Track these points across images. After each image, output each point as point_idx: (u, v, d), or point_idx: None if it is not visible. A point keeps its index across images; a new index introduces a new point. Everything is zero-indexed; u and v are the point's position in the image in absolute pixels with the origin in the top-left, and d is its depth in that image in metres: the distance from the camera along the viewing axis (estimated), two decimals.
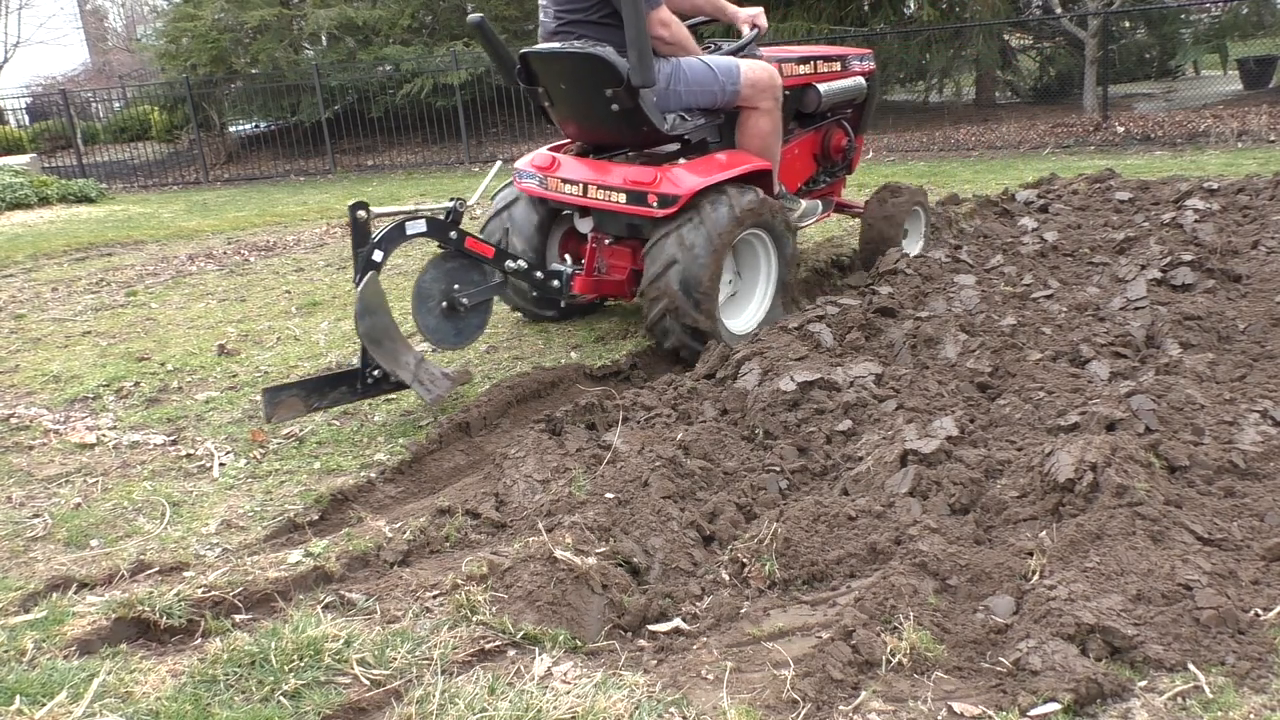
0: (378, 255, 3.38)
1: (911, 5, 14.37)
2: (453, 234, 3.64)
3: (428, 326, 3.65)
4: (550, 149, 4.39)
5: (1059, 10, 13.56)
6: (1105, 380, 3.38)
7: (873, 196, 5.21)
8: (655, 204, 3.86)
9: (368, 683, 2.00)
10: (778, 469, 2.97)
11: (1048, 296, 4.40)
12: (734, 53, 4.37)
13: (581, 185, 4.09)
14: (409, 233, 3.50)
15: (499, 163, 4.33)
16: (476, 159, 14.40)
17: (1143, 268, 4.56)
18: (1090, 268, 4.93)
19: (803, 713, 1.88)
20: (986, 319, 4.06)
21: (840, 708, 1.90)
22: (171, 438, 3.56)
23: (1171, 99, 14.11)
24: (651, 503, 2.69)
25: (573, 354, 4.29)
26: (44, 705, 1.90)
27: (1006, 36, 14.73)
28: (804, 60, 4.78)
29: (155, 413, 3.82)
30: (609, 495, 2.75)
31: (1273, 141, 9.81)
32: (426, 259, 3.86)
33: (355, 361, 3.59)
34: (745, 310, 4.34)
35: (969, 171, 9.27)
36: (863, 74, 5.16)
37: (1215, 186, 6.14)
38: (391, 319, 3.45)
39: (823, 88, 4.79)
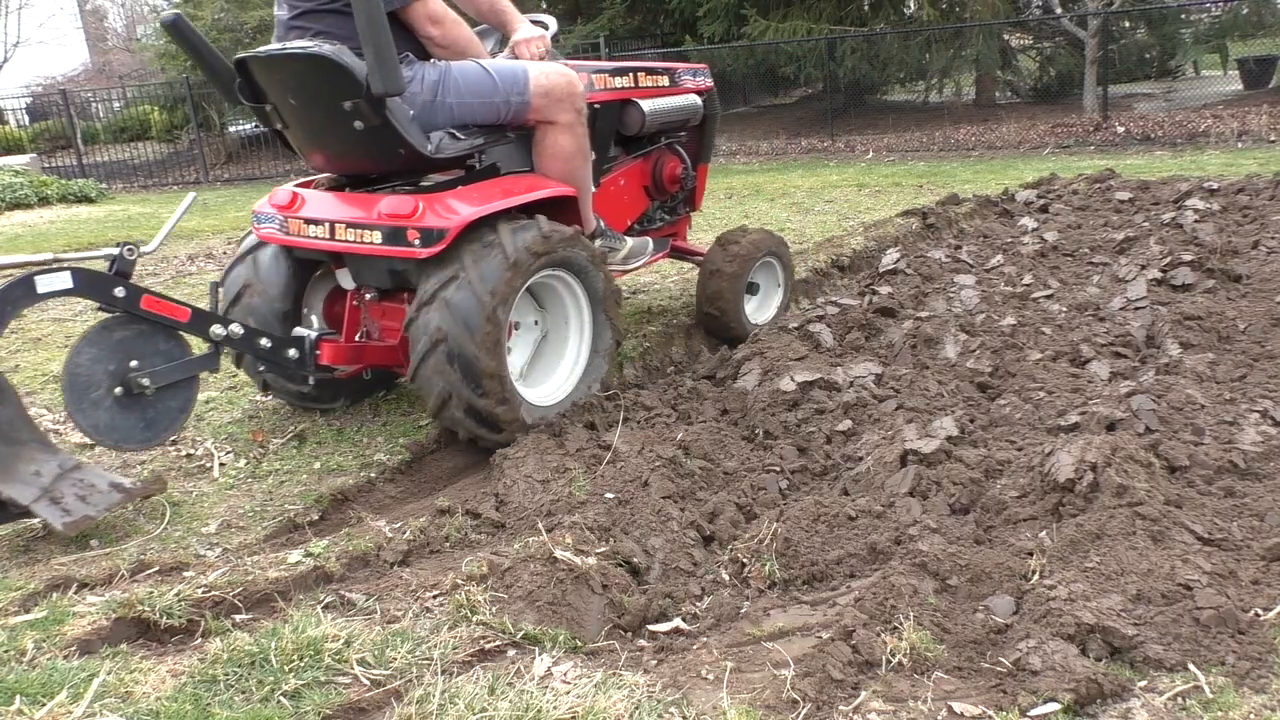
0: None
1: (911, 5, 14.39)
2: (119, 290, 2.72)
3: (96, 425, 2.72)
4: (298, 185, 3.49)
5: (1059, 10, 13.58)
6: (1105, 380, 3.39)
7: (715, 243, 4.31)
8: (417, 242, 3.00)
9: (368, 683, 2.00)
10: (778, 469, 2.97)
11: (1048, 296, 4.40)
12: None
13: (328, 225, 3.19)
14: (42, 290, 2.59)
15: (191, 195, 3.39)
16: None
17: (1143, 268, 4.56)
18: (1090, 268, 4.93)
19: (803, 713, 1.88)
20: (986, 319, 4.06)
21: (840, 708, 1.90)
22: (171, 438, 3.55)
23: (1171, 99, 14.12)
24: (651, 503, 2.69)
25: None
26: (44, 705, 1.90)
27: (1006, 36, 14.75)
28: (621, 72, 3.92)
29: None
30: (609, 495, 2.75)
31: (1273, 141, 9.82)
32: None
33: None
34: (553, 375, 3.47)
35: (969, 171, 9.27)
36: (697, 91, 4.31)
37: (1215, 186, 6.14)
38: (18, 408, 2.58)
39: (647, 105, 3.95)
